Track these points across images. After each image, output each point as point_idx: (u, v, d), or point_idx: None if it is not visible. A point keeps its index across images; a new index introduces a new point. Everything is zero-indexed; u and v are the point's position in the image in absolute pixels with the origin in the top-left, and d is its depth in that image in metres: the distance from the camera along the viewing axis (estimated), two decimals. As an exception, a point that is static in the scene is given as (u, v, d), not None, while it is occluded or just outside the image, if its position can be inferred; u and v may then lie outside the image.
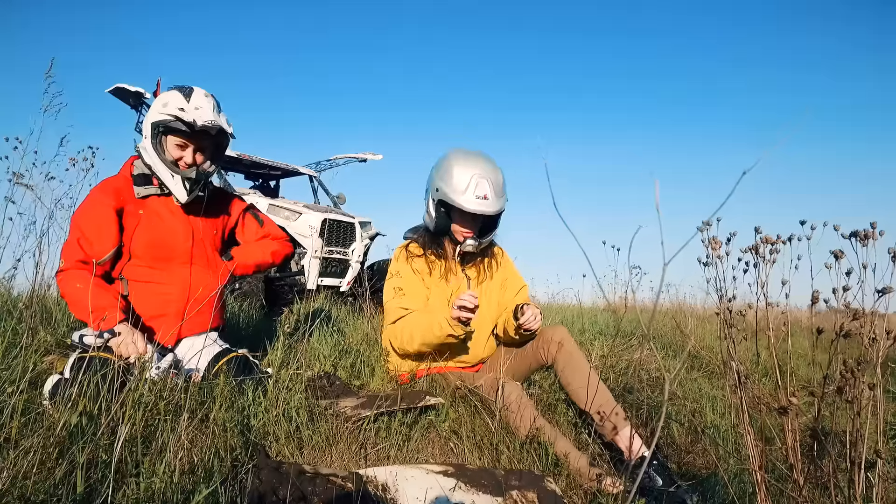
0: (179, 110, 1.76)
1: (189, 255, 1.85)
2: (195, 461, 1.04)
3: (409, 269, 2.04)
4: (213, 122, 1.77)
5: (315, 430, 1.39)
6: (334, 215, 4.91)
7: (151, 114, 1.79)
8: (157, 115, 1.77)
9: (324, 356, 2.27)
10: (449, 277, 2.08)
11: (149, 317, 1.78)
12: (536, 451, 1.62)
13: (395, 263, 2.09)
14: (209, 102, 1.83)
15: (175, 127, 1.77)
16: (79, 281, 1.68)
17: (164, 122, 1.76)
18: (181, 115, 1.75)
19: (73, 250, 1.72)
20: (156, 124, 1.77)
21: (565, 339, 1.94)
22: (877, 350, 1.14)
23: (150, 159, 1.80)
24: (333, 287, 4.91)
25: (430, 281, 2.05)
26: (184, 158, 1.83)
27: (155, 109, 1.78)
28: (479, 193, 1.90)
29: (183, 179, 1.81)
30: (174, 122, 1.76)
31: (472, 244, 2.00)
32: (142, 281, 1.79)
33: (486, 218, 2.01)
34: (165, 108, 1.76)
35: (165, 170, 1.80)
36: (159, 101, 1.79)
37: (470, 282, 2.11)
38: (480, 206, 1.90)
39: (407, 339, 1.91)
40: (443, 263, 2.08)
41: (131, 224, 1.79)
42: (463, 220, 2.00)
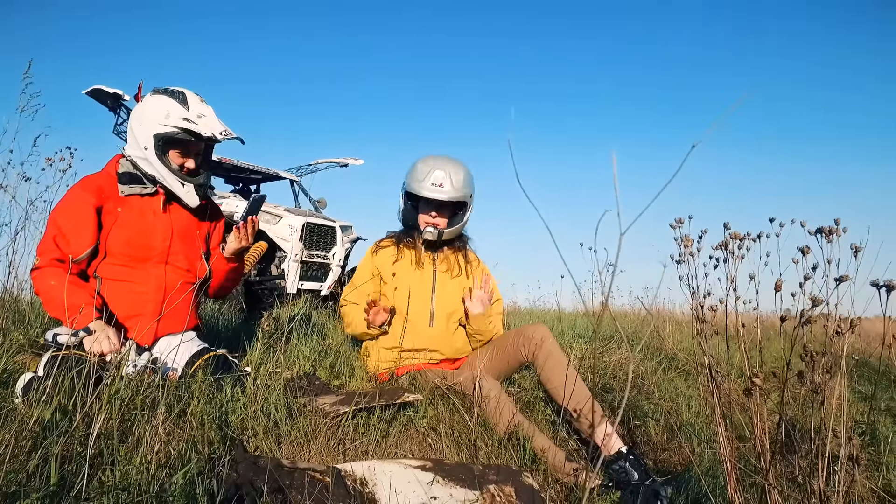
0: (185, 121, 1.75)
1: (165, 255, 1.83)
2: (172, 454, 1.04)
3: (370, 264, 2.23)
4: (226, 132, 1.81)
5: (293, 425, 1.39)
6: (315, 219, 4.90)
7: (149, 124, 1.76)
8: (161, 128, 1.75)
9: (304, 356, 2.26)
10: (420, 266, 2.21)
11: (124, 316, 1.76)
12: (514, 447, 1.64)
13: (362, 259, 2.30)
14: (209, 108, 1.84)
15: (183, 139, 1.77)
16: (53, 279, 1.66)
17: (171, 135, 1.76)
18: (191, 126, 1.75)
19: (49, 248, 1.70)
20: (160, 136, 1.76)
21: (545, 337, 1.97)
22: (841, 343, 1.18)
23: (153, 170, 1.79)
24: (314, 291, 4.89)
25: (396, 268, 2.20)
26: (187, 165, 1.84)
27: (153, 120, 1.76)
28: (434, 182, 2.08)
29: (196, 187, 1.83)
30: (181, 135, 1.76)
31: (431, 232, 2.15)
32: (117, 280, 1.77)
33: (449, 209, 2.17)
34: (168, 120, 1.75)
35: (174, 179, 1.80)
36: (155, 110, 1.77)
37: (436, 275, 2.20)
38: (435, 193, 2.07)
39: (347, 324, 2.20)
40: (413, 253, 2.23)
41: (109, 222, 1.77)
42: (425, 209, 2.16)
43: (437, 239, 2.16)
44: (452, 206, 2.17)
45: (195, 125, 1.77)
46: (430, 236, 2.15)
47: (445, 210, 2.17)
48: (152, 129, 1.76)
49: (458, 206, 2.18)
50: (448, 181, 2.08)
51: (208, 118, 1.82)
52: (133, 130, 1.80)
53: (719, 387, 1.34)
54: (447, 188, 2.08)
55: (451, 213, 2.19)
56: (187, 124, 1.76)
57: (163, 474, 0.96)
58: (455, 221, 2.19)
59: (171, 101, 1.79)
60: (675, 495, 1.59)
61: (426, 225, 2.16)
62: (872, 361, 6.05)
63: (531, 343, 1.97)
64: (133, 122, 1.81)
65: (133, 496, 0.85)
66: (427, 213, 2.16)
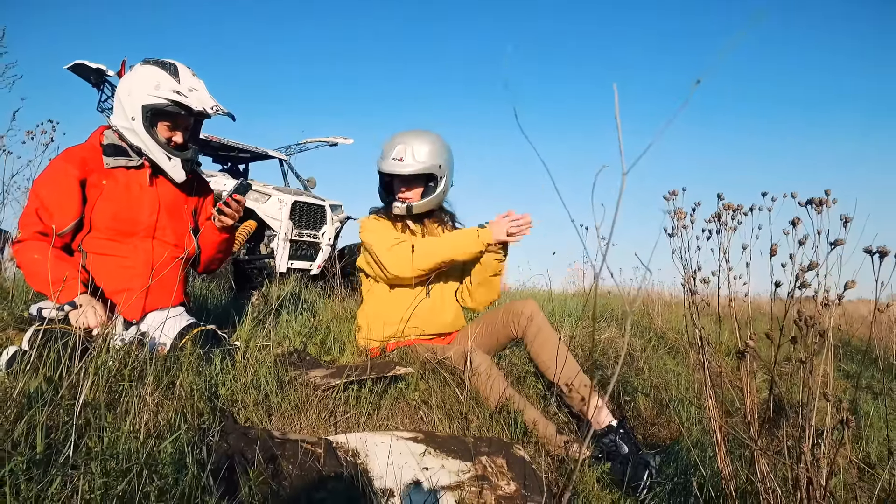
0: (176, 93, 1.71)
1: (152, 230, 1.80)
2: (161, 423, 1.03)
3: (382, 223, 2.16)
4: (217, 108, 1.78)
5: (284, 397, 1.38)
6: (304, 198, 4.85)
7: (138, 94, 1.72)
8: (150, 99, 1.71)
9: (294, 332, 2.25)
10: None
11: (110, 290, 1.73)
12: (505, 420, 1.64)
13: (368, 223, 2.18)
14: (201, 82, 1.80)
15: (172, 111, 1.73)
16: (36, 252, 1.63)
17: (160, 107, 1.72)
18: (181, 99, 1.71)
19: (31, 220, 1.67)
20: (148, 108, 1.72)
21: (535, 312, 1.97)
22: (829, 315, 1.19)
23: (139, 141, 1.75)
24: (304, 270, 4.86)
25: None
26: (174, 139, 1.80)
27: (142, 90, 1.72)
28: (395, 157, 2.07)
29: (182, 161, 1.80)
30: (171, 107, 1.72)
31: (399, 206, 2.11)
32: (102, 254, 1.74)
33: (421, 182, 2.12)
34: (158, 91, 1.71)
35: (161, 152, 1.76)
36: (144, 80, 1.73)
37: None
38: (395, 167, 2.06)
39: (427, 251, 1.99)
40: (401, 228, 2.19)
41: (93, 195, 1.73)
42: (395, 184, 2.14)
43: (406, 213, 2.12)
44: (424, 180, 2.12)
45: (186, 98, 1.73)
46: (398, 211, 2.12)
47: (416, 183, 2.12)
48: (141, 99, 1.72)
49: (429, 179, 2.12)
50: (409, 154, 2.05)
51: (200, 92, 1.78)
52: (121, 100, 1.75)
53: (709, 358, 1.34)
54: (408, 160, 2.05)
55: (424, 186, 2.13)
56: (178, 97, 1.72)
57: (152, 443, 0.95)
58: (427, 194, 2.13)
59: (162, 73, 1.75)
60: (665, 466, 1.61)
61: (397, 200, 2.13)
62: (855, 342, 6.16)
63: (521, 318, 1.97)
64: (121, 92, 1.76)
65: (122, 463, 0.84)
66: (398, 188, 2.13)
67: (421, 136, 2.10)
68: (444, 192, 2.16)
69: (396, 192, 2.14)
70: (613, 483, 1.51)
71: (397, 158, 2.06)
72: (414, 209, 2.11)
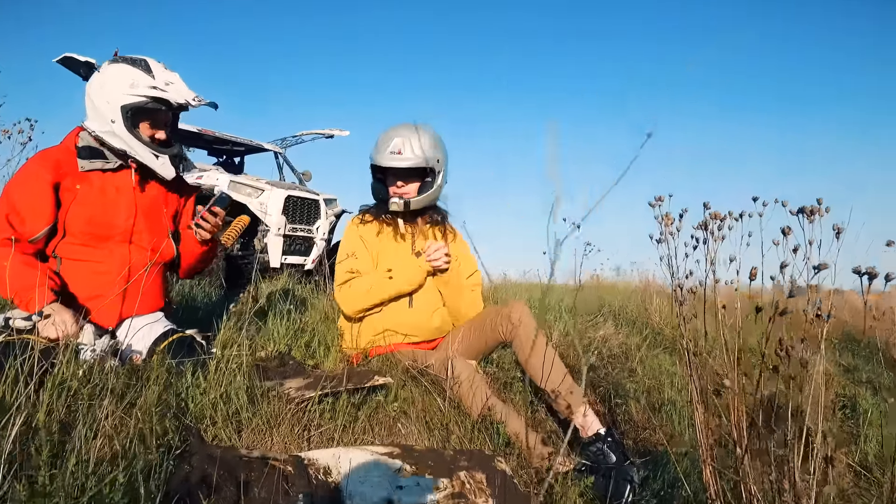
0: (153, 89, 1.66)
1: (129, 234, 1.75)
2: (117, 449, 0.98)
3: (358, 234, 2.11)
4: (198, 99, 1.73)
5: (255, 412, 1.34)
6: (298, 192, 4.78)
7: (114, 95, 1.66)
8: (128, 98, 1.66)
9: (279, 335, 2.21)
10: (401, 241, 2.12)
11: (85, 297, 1.69)
12: (488, 431, 1.60)
13: (346, 231, 2.17)
14: (175, 75, 1.75)
15: (153, 108, 1.69)
16: (4, 259, 1.58)
17: (140, 105, 1.67)
18: (161, 94, 1.66)
19: (1, 226, 1.61)
20: (128, 108, 1.66)
21: (524, 315, 1.91)
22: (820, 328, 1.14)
23: (122, 144, 1.70)
24: (298, 265, 4.81)
25: (379, 242, 2.10)
26: (157, 136, 1.75)
27: (118, 90, 1.66)
28: (392, 149, 2.00)
29: (170, 158, 1.75)
30: (152, 104, 1.67)
31: (396, 202, 2.06)
32: (76, 259, 1.69)
33: (417, 177, 2.07)
34: (135, 90, 1.66)
35: (147, 151, 1.71)
36: (118, 80, 1.67)
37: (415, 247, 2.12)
38: (394, 161, 2.00)
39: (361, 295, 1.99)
40: (393, 229, 2.13)
41: (67, 199, 1.68)
42: (392, 180, 2.08)
43: (403, 210, 2.07)
44: (420, 175, 2.06)
45: (165, 93, 1.68)
46: (395, 207, 2.06)
47: (413, 178, 2.06)
48: (119, 100, 1.66)
49: (425, 174, 2.07)
50: (407, 147, 2.00)
51: (177, 85, 1.73)
52: (94, 103, 1.69)
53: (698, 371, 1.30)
54: (407, 154, 1.99)
55: (420, 181, 2.08)
56: (156, 92, 1.67)
57: (105, 471, 0.91)
58: (424, 189, 2.08)
59: (134, 70, 1.69)
60: (652, 479, 1.57)
61: (393, 195, 2.08)
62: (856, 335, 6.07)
63: (509, 322, 1.91)
64: (93, 95, 1.70)
65: (65, 500, 0.80)
66: (391, 183, 2.08)
67: (418, 129, 2.04)
68: (440, 188, 2.11)
69: (391, 186, 2.08)
70: (597, 498, 1.47)
71: (395, 151, 2.00)
72: (412, 205, 2.06)
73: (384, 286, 1.99)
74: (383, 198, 2.11)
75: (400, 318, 2.01)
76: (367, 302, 2.00)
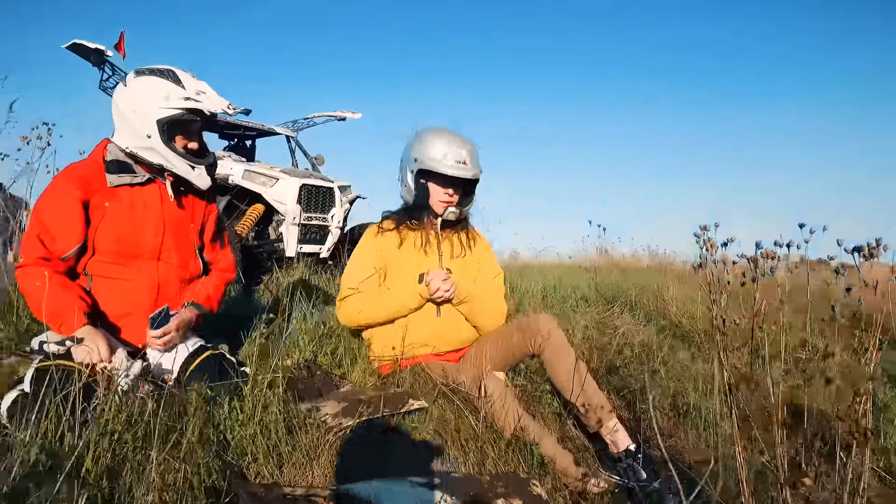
0: (187, 100, 1.65)
1: (157, 251, 1.74)
2: (167, 501, 0.98)
3: (374, 246, 2.08)
4: (231, 107, 1.73)
5: (295, 445, 1.34)
6: (313, 180, 4.73)
7: (148, 110, 1.64)
8: (163, 112, 1.64)
9: (304, 343, 2.20)
10: (427, 250, 2.09)
11: (115, 315, 1.68)
12: (521, 452, 1.60)
13: (362, 240, 2.13)
14: (204, 83, 1.73)
15: (188, 119, 1.68)
16: (38, 279, 1.57)
17: (176, 118, 1.66)
18: (196, 105, 1.66)
19: (33, 245, 1.60)
20: (164, 121, 1.65)
21: (552, 330, 1.90)
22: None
23: (160, 158, 1.68)
24: (313, 254, 4.80)
25: (401, 254, 2.07)
26: (190, 146, 1.74)
27: (152, 104, 1.64)
28: (458, 159, 1.98)
29: (206, 167, 1.76)
30: (187, 116, 1.67)
31: (454, 211, 2.06)
32: (106, 277, 1.69)
33: (464, 185, 2.07)
34: (170, 102, 1.64)
35: (183, 163, 1.70)
36: (150, 93, 1.65)
37: (442, 257, 2.10)
38: (460, 171, 1.97)
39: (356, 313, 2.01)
40: (419, 235, 2.09)
41: (97, 217, 1.66)
42: (444, 187, 2.05)
43: (458, 218, 2.10)
44: (473, 182, 2.08)
45: (199, 103, 1.67)
46: (452, 216, 2.06)
47: (461, 187, 2.07)
48: (154, 114, 1.64)
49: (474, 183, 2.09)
50: (470, 158, 2.00)
51: (208, 94, 1.71)
52: (126, 118, 1.67)
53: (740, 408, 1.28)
54: (470, 165, 2.00)
55: (463, 190, 2.09)
56: (191, 103, 1.66)
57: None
58: (467, 200, 2.11)
59: (165, 82, 1.67)
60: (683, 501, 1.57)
61: (444, 205, 2.05)
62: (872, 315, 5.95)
63: (538, 336, 1.90)
64: (125, 110, 1.67)
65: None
66: (445, 191, 2.05)
67: (467, 140, 2.05)
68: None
69: (439, 196, 2.06)
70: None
71: (461, 161, 1.98)
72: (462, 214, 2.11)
73: (377, 309, 1.99)
74: (424, 204, 2.08)
75: (427, 328, 2.00)
76: (360, 321, 2.04)
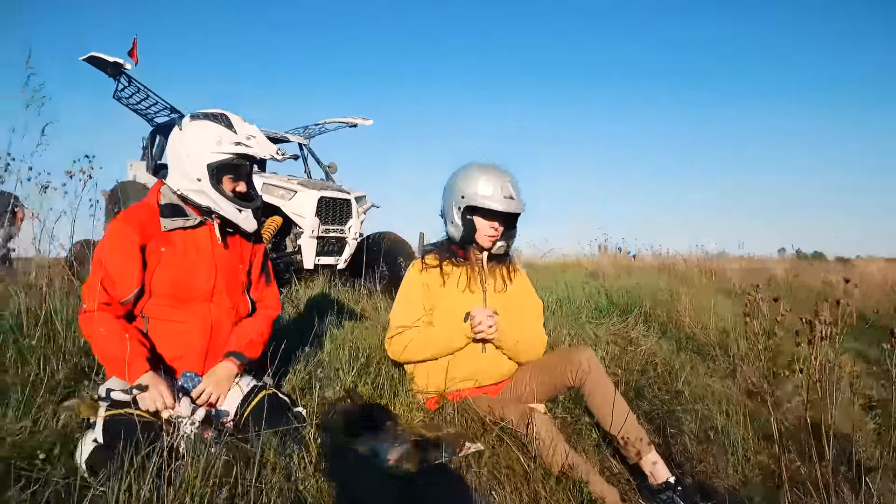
0: (238, 145, 1.70)
1: (210, 294, 1.79)
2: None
3: (420, 281, 2.12)
4: (280, 152, 1.77)
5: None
6: (330, 193, 4.75)
7: (200, 154, 1.70)
8: (214, 156, 1.69)
9: (343, 373, 2.25)
10: (472, 287, 2.13)
11: (170, 357, 1.73)
12: (570, 490, 1.66)
13: (407, 276, 2.17)
14: (254, 127, 1.78)
15: (238, 164, 1.73)
16: (102, 325, 1.62)
17: (226, 162, 1.71)
18: (246, 150, 1.71)
19: (96, 291, 1.65)
20: (214, 165, 1.70)
21: (593, 364, 1.97)
22: None
23: (209, 201, 1.73)
24: (330, 266, 4.83)
25: (445, 292, 2.10)
26: (239, 188, 1.79)
27: (204, 148, 1.70)
28: (506, 194, 2.02)
29: (253, 211, 1.79)
30: (237, 160, 1.72)
31: (503, 244, 2.13)
32: (162, 319, 1.73)
33: (507, 219, 2.11)
34: (221, 147, 1.69)
35: (231, 206, 1.74)
36: (203, 138, 1.70)
37: (486, 294, 2.14)
38: (509, 206, 2.02)
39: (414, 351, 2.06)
40: (463, 272, 2.13)
41: (153, 262, 1.71)
42: (490, 221, 2.08)
43: (506, 252, 2.17)
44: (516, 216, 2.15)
45: (250, 148, 1.72)
46: (502, 250, 2.13)
47: (504, 221, 2.11)
48: (204, 158, 1.70)
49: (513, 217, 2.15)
50: (516, 192, 2.05)
51: (259, 138, 1.77)
52: (180, 162, 1.73)
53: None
54: (517, 199, 2.05)
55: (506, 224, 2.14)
56: (241, 149, 1.71)
57: None
58: (511, 234, 2.17)
59: (217, 126, 1.72)
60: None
61: (491, 239, 2.10)
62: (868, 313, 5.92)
63: (579, 370, 1.96)
64: (180, 153, 1.73)
65: None
66: (491, 225, 2.09)
67: (508, 174, 2.09)
68: None
69: (485, 230, 2.09)
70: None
71: (508, 196, 2.02)
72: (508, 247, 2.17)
73: (424, 349, 2.05)
74: (468, 240, 2.11)
75: (472, 364, 2.05)
76: (409, 359, 2.10)
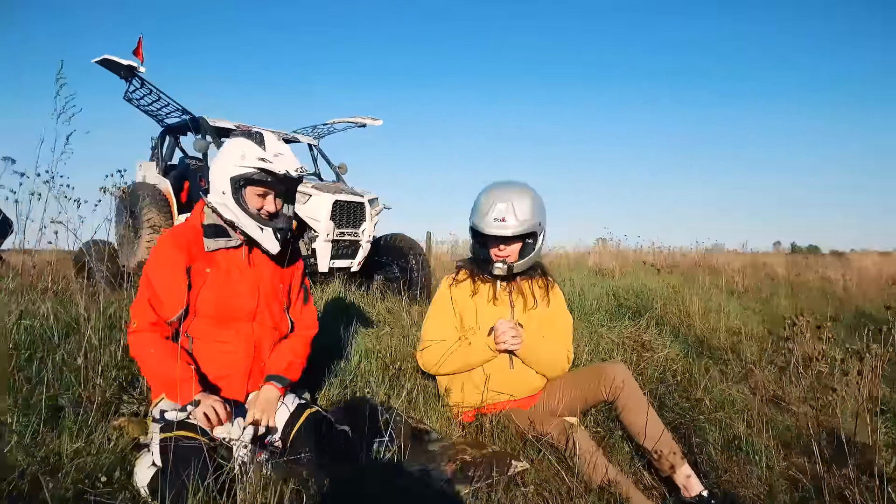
0: (261, 160, 1.71)
1: (252, 314, 1.81)
2: None
3: (449, 296, 2.17)
4: (302, 169, 1.77)
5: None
6: (344, 196, 4.77)
7: (225, 167, 1.73)
8: (236, 169, 1.72)
9: (375, 383, 2.28)
10: (499, 300, 2.17)
11: (214, 377, 1.75)
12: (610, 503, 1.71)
13: (438, 291, 2.23)
14: (286, 147, 1.80)
15: (258, 178, 1.73)
16: (151, 346, 1.65)
17: (246, 176, 1.72)
18: (266, 165, 1.71)
19: (144, 310, 1.68)
20: (235, 178, 1.72)
21: (627, 378, 2.01)
22: None
23: (232, 214, 1.75)
24: (344, 269, 4.85)
25: (475, 302, 2.15)
26: (265, 207, 1.79)
27: (229, 162, 1.73)
28: (496, 217, 2.01)
29: (274, 231, 1.79)
30: (258, 174, 1.72)
31: (500, 267, 2.09)
32: (206, 339, 1.76)
33: (519, 239, 2.09)
34: (245, 161, 1.71)
35: (252, 223, 1.76)
36: (232, 153, 1.74)
37: (514, 310, 2.17)
38: (498, 229, 2.01)
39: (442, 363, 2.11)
40: (491, 287, 2.17)
41: (198, 283, 1.74)
42: (493, 244, 2.10)
43: (507, 274, 2.11)
44: (522, 237, 2.08)
45: (270, 164, 1.73)
46: (499, 272, 2.10)
47: (515, 241, 2.09)
48: (229, 171, 1.73)
49: (527, 236, 2.09)
50: (511, 214, 2.00)
51: (285, 156, 1.78)
52: (213, 174, 1.78)
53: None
54: (510, 222, 2.00)
55: (522, 242, 2.10)
56: (263, 164, 1.72)
57: None
58: (526, 252, 2.11)
59: (248, 143, 1.75)
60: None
61: (496, 259, 2.10)
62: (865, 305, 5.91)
63: (613, 385, 2.00)
64: (213, 166, 1.78)
65: None
66: (493, 247, 2.10)
67: (521, 192, 2.05)
68: (540, 248, 2.14)
69: (492, 249, 2.10)
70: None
71: (499, 219, 2.00)
72: (515, 269, 2.10)
73: (453, 362, 2.10)
74: (485, 258, 2.13)
75: (503, 379, 2.09)
76: (440, 371, 2.15)
